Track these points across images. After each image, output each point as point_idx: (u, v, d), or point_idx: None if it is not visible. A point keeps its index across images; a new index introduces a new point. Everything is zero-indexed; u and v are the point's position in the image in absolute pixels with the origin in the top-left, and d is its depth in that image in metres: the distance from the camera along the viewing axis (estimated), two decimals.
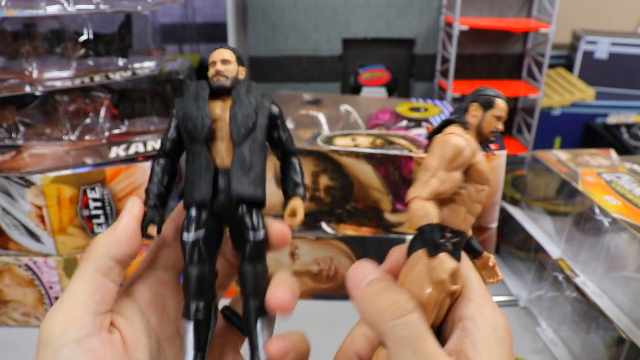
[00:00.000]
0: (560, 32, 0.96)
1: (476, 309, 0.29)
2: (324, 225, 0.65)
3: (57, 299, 0.61)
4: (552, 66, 1.00)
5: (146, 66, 0.64)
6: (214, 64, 0.33)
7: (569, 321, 0.58)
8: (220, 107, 0.32)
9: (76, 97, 0.62)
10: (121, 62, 0.63)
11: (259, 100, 0.32)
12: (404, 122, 0.71)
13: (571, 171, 0.64)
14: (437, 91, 0.93)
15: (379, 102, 0.82)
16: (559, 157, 0.68)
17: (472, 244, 0.32)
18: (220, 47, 0.33)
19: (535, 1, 0.88)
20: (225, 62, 0.33)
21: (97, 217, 0.58)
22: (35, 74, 0.59)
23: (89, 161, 0.58)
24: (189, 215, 0.31)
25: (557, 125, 0.94)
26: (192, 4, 0.85)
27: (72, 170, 0.56)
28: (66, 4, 0.56)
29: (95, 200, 0.57)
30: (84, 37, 0.61)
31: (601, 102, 0.94)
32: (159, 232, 0.32)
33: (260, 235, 0.31)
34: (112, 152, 0.59)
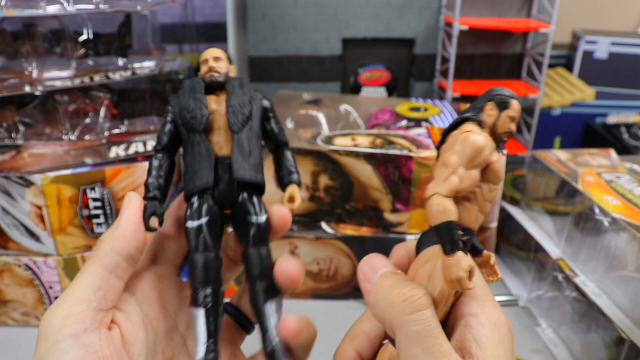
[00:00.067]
0: (560, 32, 0.97)
1: (479, 306, 0.29)
2: (324, 225, 0.65)
3: (57, 299, 0.61)
4: (552, 66, 1.00)
5: (146, 66, 0.64)
6: (206, 62, 0.34)
7: (569, 321, 0.58)
8: (215, 101, 0.33)
9: (76, 97, 0.62)
10: (121, 62, 0.63)
11: (252, 92, 0.34)
12: (404, 122, 0.71)
13: (571, 171, 0.64)
14: (437, 91, 0.93)
15: (379, 102, 0.82)
16: (559, 157, 0.68)
17: (474, 242, 0.32)
18: (210, 47, 0.35)
19: (535, 1, 0.88)
20: (217, 59, 0.34)
21: (97, 217, 0.58)
22: (35, 74, 0.59)
23: (89, 161, 0.58)
24: (191, 204, 0.32)
25: (557, 125, 0.94)
26: (192, 4, 0.85)
27: (72, 170, 0.56)
28: (66, 4, 0.56)
29: (95, 200, 0.57)
30: (84, 37, 0.61)
31: (601, 102, 0.94)
32: (161, 224, 0.32)
33: (263, 219, 0.32)
34: (112, 152, 0.59)
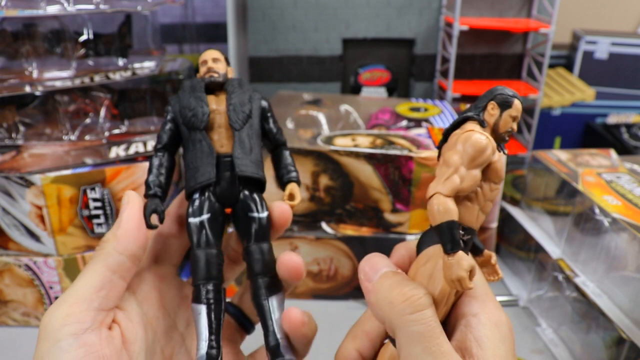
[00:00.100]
0: (560, 32, 0.97)
1: (480, 305, 0.29)
2: (324, 225, 0.65)
3: (57, 299, 0.61)
4: (552, 66, 1.00)
5: (146, 66, 0.64)
6: (205, 62, 0.35)
7: (569, 321, 0.58)
8: (214, 101, 0.34)
9: (76, 97, 0.62)
10: (121, 62, 0.63)
11: (251, 92, 0.34)
12: (404, 122, 0.71)
13: (571, 171, 0.64)
14: (437, 91, 0.93)
15: (379, 102, 0.82)
16: (559, 157, 0.68)
17: (474, 241, 0.32)
18: (210, 47, 0.36)
19: (535, 1, 0.88)
20: (215, 60, 0.35)
21: (97, 217, 0.58)
22: (35, 74, 0.59)
23: (89, 161, 0.58)
24: (192, 200, 0.32)
25: (557, 125, 0.94)
26: (192, 4, 0.85)
27: (72, 170, 0.56)
28: (66, 4, 0.56)
29: (95, 200, 0.57)
30: (84, 37, 0.61)
31: (601, 102, 0.94)
32: (161, 222, 0.32)
33: (264, 215, 0.33)
34: (112, 152, 0.59)
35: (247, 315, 0.37)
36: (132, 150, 0.60)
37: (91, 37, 0.61)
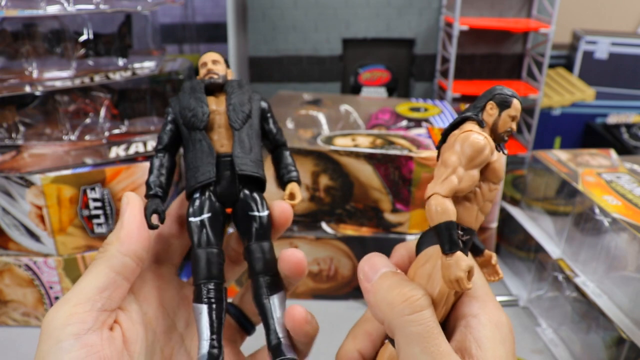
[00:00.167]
0: (560, 32, 0.97)
1: (480, 306, 0.29)
2: (324, 225, 0.65)
3: (57, 299, 0.61)
4: (552, 66, 1.00)
5: (146, 66, 0.64)
6: (204, 64, 0.35)
7: (569, 321, 0.58)
8: (214, 101, 0.34)
9: (76, 97, 0.62)
10: (121, 62, 0.63)
11: (250, 92, 0.35)
12: (404, 122, 0.71)
13: (571, 171, 0.64)
14: (437, 91, 0.93)
15: (379, 102, 0.82)
16: (559, 157, 0.68)
17: (474, 241, 0.32)
18: (212, 50, 0.36)
19: (535, 1, 0.88)
20: (215, 62, 0.35)
21: (97, 217, 0.58)
22: (35, 74, 0.59)
23: (89, 161, 0.58)
24: (193, 200, 0.32)
25: (557, 125, 0.94)
26: (192, 4, 0.85)
27: (72, 170, 0.56)
28: (66, 4, 0.56)
29: (95, 200, 0.57)
30: (84, 37, 0.61)
31: (601, 102, 0.94)
32: (162, 222, 0.32)
33: (265, 213, 0.33)
34: (112, 152, 0.59)
35: (247, 316, 0.37)
36: (132, 150, 0.60)
37: (91, 37, 0.61)
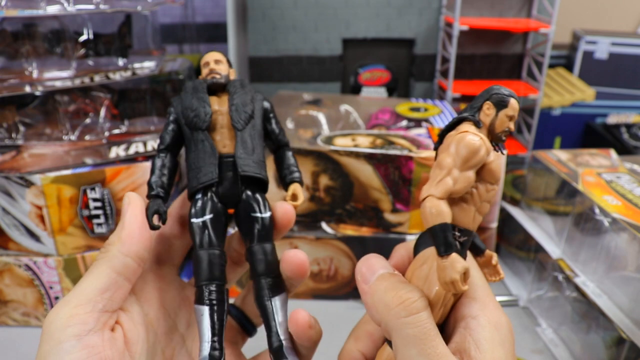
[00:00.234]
0: (560, 32, 0.97)
1: (479, 307, 0.29)
2: (324, 225, 0.65)
3: (57, 299, 0.61)
4: (552, 66, 1.00)
5: (146, 66, 0.64)
6: (207, 64, 0.35)
7: (569, 321, 0.58)
8: (217, 102, 0.34)
9: (76, 97, 0.62)
10: (121, 62, 0.63)
11: (253, 93, 0.35)
12: (404, 122, 0.71)
13: (571, 171, 0.64)
14: (437, 91, 0.93)
15: (379, 102, 0.82)
16: (559, 157, 0.68)
17: (475, 242, 0.32)
18: (214, 50, 0.36)
19: (535, 1, 0.88)
20: (217, 62, 0.35)
21: (97, 217, 0.58)
22: (35, 74, 0.59)
23: (89, 161, 0.58)
24: (195, 201, 0.32)
25: (557, 125, 0.94)
26: (192, 4, 0.85)
27: (72, 170, 0.56)
28: (66, 4, 0.56)
29: (95, 200, 0.57)
30: (84, 37, 0.61)
31: (601, 102, 0.94)
32: (164, 222, 0.32)
33: (267, 215, 0.33)
34: (112, 152, 0.59)
35: (249, 317, 0.37)
36: (132, 150, 0.60)
37: (91, 37, 0.61)
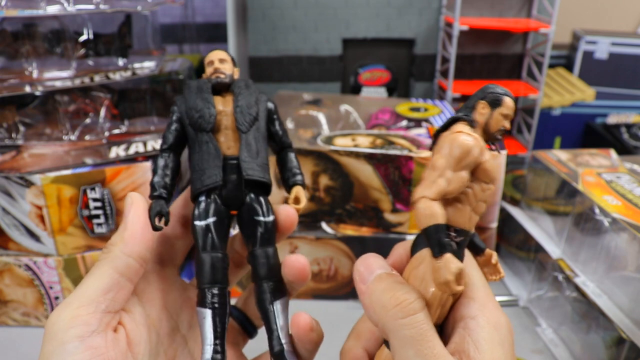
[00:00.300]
0: (560, 32, 0.97)
1: (478, 308, 0.29)
2: (324, 225, 0.65)
3: (57, 299, 0.61)
4: (552, 66, 1.00)
5: (146, 66, 0.64)
6: (211, 63, 0.34)
7: (569, 321, 0.58)
8: (221, 102, 0.33)
9: (76, 97, 0.62)
10: (121, 62, 0.63)
11: (257, 94, 0.34)
12: (404, 122, 0.71)
13: (571, 171, 0.64)
14: (437, 91, 0.93)
15: (379, 102, 0.82)
16: (559, 157, 0.68)
17: (475, 241, 0.32)
18: (215, 49, 0.35)
19: (535, 1, 0.88)
20: (222, 61, 0.34)
21: (97, 217, 0.58)
22: (35, 74, 0.59)
23: (89, 161, 0.58)
24: (198, 203, 0.32)
25: (557, 125, 0.94)
26: (192, 4, 0.85)
27: (72, 170, 0.56)
28: (66, 4, 0.56)
29: (95, 200, 0.57)
30: (84, 37, 0.61)
31: (601, 102, 0.94)
32: (166, 224, 0.32)
33: (270, 218, 0.33)
34: (112, 152, 0.59)
35: (250, 319, 0.37)
36: (132, 150, 0.60)
37: (91, 37, 0.61)
